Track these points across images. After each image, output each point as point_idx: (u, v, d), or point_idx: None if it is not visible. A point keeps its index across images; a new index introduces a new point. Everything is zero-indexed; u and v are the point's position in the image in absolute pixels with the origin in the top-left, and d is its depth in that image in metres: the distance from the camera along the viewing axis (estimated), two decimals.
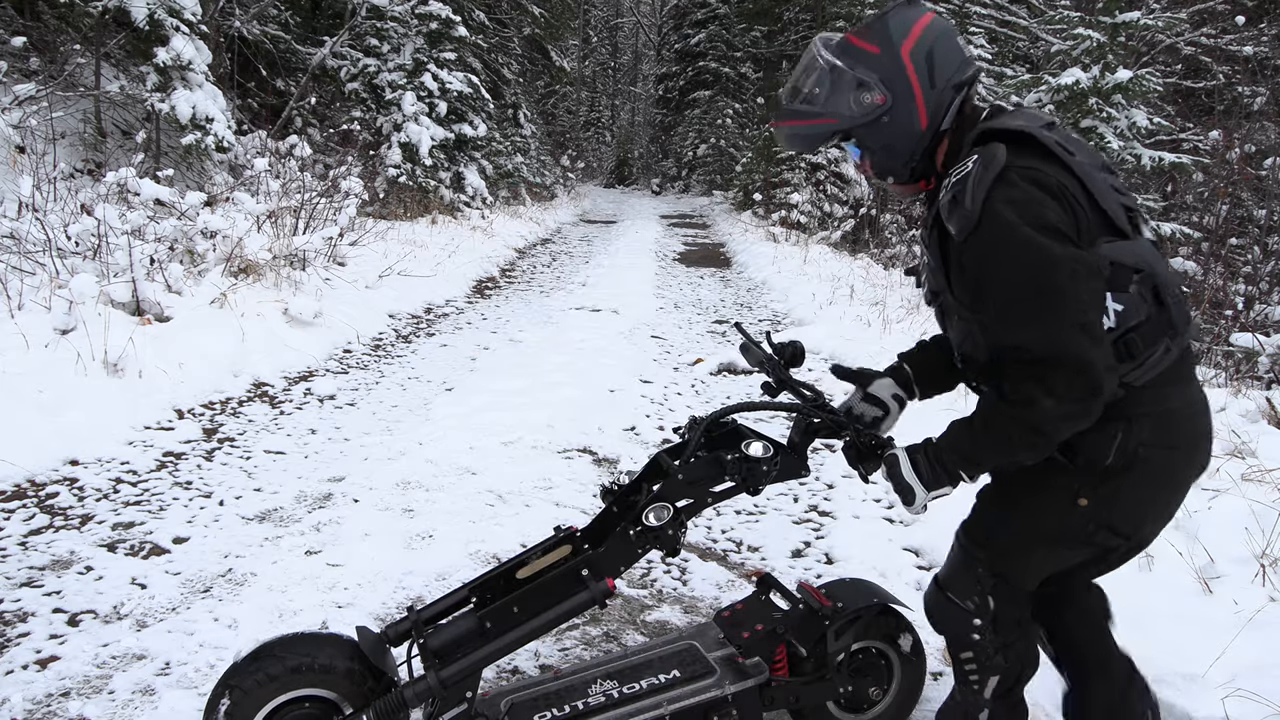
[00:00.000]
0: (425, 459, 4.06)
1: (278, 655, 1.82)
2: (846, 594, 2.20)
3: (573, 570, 1.87)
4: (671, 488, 1.87)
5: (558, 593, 1.84)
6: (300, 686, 1.83)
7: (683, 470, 1.87)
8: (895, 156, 1.76)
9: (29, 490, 3.48)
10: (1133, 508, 1.74)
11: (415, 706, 1.79)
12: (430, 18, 12.87)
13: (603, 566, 1.86)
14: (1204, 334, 6.56)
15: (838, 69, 1.72)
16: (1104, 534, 1.75)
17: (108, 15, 8.08)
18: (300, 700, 1.84)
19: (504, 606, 1.86)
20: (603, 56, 44.22)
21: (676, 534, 1.87)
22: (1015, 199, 1.56)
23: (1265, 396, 4.69)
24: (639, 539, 1.86)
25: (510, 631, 1.81)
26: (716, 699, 2.00)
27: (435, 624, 1.97)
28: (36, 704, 2.23)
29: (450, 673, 1.78)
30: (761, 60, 27.48)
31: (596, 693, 2.04)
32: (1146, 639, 2.60)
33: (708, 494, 1.90)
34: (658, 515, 1.84)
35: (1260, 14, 12.42)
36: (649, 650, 2.21)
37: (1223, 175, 9.77)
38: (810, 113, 1.76)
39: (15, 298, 4.66)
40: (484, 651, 1.80)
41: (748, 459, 1.85)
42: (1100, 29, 8.06)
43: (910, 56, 1.69)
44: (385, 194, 11.92)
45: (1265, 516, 3.03)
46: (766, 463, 1.85)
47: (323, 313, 6.20)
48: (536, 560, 1.95)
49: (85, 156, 8.21)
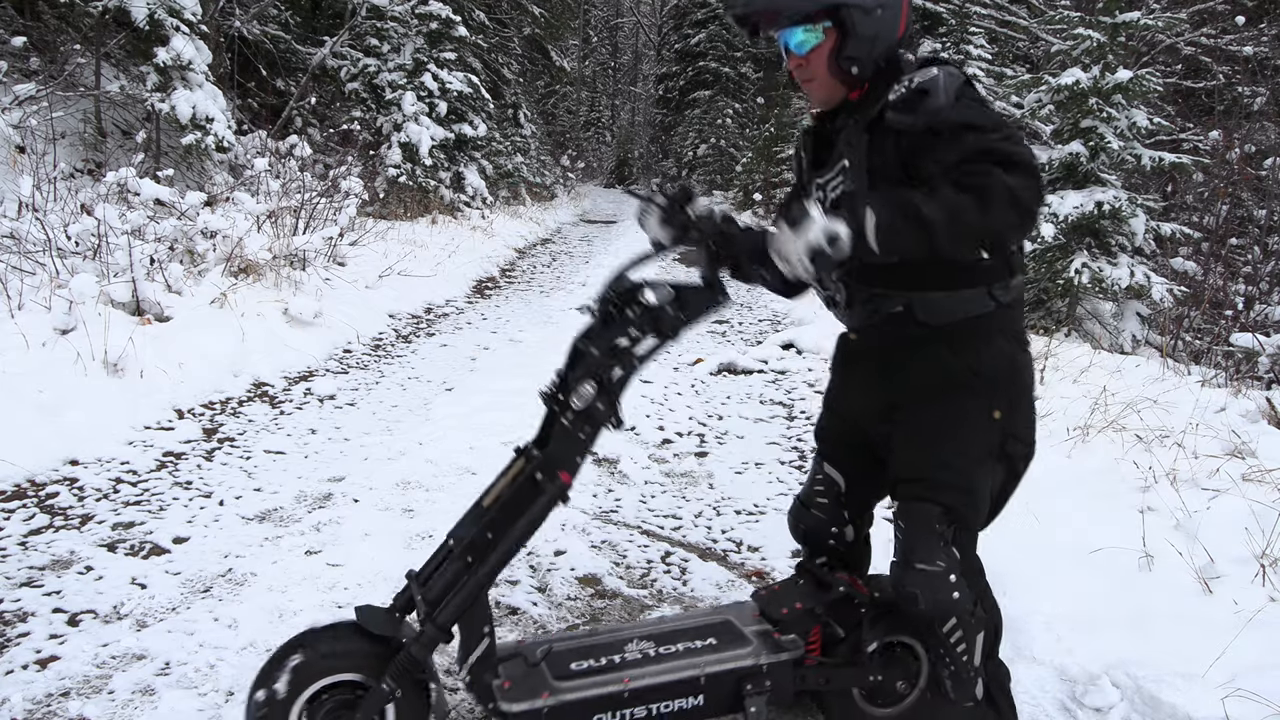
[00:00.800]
0: (425, 459, 4.06)
1: (297, 650, 1.85)
2: (884, 587, 2.22)
3: (528, 478, 1.87)
4: (590, 364, 1.85)
5: (521, 505, 1.85)
6: (323, 676, 1.86)
7: (592, 343, 1.86)
8: (873, 49, 1.78)
9: (29, 490, 3.48)
10: (1025, 412, 1.95)
11: (426, 656, 1.82)
12: (430, 18, 12.87)
13: (553, 464, 1.86)
14: (1204, 334, 6.56)
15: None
16: (1012, 443, 1.93)
17: (108, 15, 8.08)
18: (329, 689, 1.87)
19: (478, 537, 1.87)
20: (603, 56, 44.21)
21: (611, 408, 1.87)
22: (979, 99, 1.73)
23: (1265, 396, 4.69)
24: (575, 425, 1.85)
25: (490, 558, 1.83)
26: (752, 668, 2.03)
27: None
28: (36, 704, 2.23)
29: (446, 615, 1.81)
30: (761, 60, 27.46)
31: (634, 650, 2.09)
32: (1146, 639, 2.61)
33: (631, 357, 1.88)
34: (581, 396, 1.83)
35: (1260, 14, 12.42)
36: (685, 619, 2.27)
37: (1223, 175, 9.77)
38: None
39: (15, 298, 4.65)
40: (470, 584, 1.82)
41: (648, 308, 1.85)
42: (1100, 29, 8.06)
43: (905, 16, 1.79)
44: (385, 194, 11.91)
45: (1265, 516, 3.03)
46: (669, 304, 1.86)
47: (323, 313, 6.20)
48: (498, 485, 1.95)
49: (85, 156, 8.21)
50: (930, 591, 1.86)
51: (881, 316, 1.90)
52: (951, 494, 1.89)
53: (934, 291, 1.83)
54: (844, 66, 1.79)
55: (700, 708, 2.02)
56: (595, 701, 1.94)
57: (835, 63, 1.79)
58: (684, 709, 2.00)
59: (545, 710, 1.90)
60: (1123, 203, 7.70)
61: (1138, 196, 8.15)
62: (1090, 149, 7.99)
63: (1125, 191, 8.07)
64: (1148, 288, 7.59)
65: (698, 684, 2.00)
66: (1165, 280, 7.91)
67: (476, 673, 1.90)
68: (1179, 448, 3.76)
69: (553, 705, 1.91)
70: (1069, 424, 4.17)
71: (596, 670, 2.01)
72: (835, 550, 2.23)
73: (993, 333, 1.86)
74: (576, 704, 1.93)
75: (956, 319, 1.85)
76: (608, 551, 3.34)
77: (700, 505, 3.84)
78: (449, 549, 1.98)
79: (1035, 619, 2.73)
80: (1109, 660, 2.52)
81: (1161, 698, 2.31)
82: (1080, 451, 3.91)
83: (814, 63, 1.81)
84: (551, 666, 2.00)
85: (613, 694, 1.95)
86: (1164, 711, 2.29)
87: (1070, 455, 3.89)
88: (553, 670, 1.99)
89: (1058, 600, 2.83)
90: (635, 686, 1.96)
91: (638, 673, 1.99)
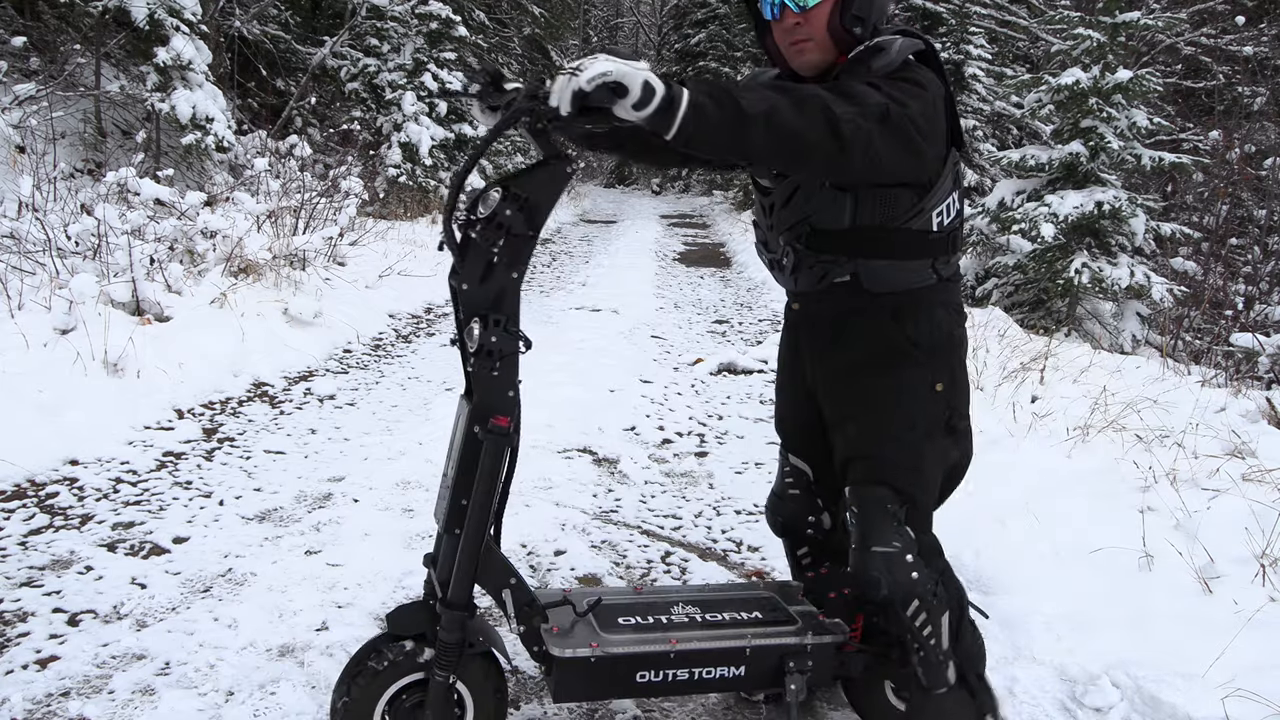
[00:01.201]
0: (425, 459, 4.06)
1: (368, 658, 1.89)
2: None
3: (469, 434, 1.84)
4: (465, 300, 1.79)
5: (473, 463, 1.83)
6: (392, 682, 1.89)
7: (461, 278, 1.77)
8: (875, 7, 1.78)
9: (29, 490, 3.48)
10: (963, 385, 1.97)
11: (454, 637, 1.83)
12: (430, 17, 12.86)
13: (482, 412, 1.82)
14: (1204, 334, 6.57)
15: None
16: (955, 417, 1.94)
17: (108, 15, 8.08)
18: (402, 691, 1.91)
19: (453, 507, 1.86)
20: None
21: (507, 335, 1.79)
22: (917, 81, 1.72)
23: (1265, 396, 4.70)
24: (480, 366, 1.80)
25: (468, 524, 1.83)
26: (796, 646, 2.04)
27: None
28: (36, 704, 2.23)
29: (455, 591, 1.83)
30: (761, 60, 27.45)
31: (679, 613, 2.11)
32: (1146, 639, 2.61)
33: (504, 272, 1.78)
34: (470, 336, 1.78)
35: (1260, 14, 12.42)
36: (730, 589, 2.29)
37: (1223, 175, 9.77)
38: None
39: (15, 298, 4.66)
40: (463, 553, 1.83)
41: (487, 220, 1.73)
42: (1100, 29, 8.06)
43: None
44: (385, 194, 11.91)
45: (1265, 516, 3.03)
46: (506, 205, 1.73)
47: (323, 313, 6.20)
48: (451, 450, 1.94)
49: (85, 156, 8.21)
50: (889, 573, 1.86)
51: (828, 284, 1.91)
52: (899, 474, 1.90)
53: (880, 260, 1.86)
54: (848, 25, 1.75)
55: (740, 678, 2.04)
56: (641, 658, 1.96)
57: (839, 21, 1.75)
58: (725, 677, 2.02)
59: (593, 659, 1.93)
60: (1123, 203, 7.71)
61: (1138, 196, 8.16)
62: (1090, 149, 7.99)
63: (1125, 191, 8.07)
64: (1148, 288, 7.60)
65: (743, 655, 2.02)
66: (1165, 280, 7.92)
67: (524, 618, 1.93)
68: (1179, 448, 3.76)
69: (600, 656, 1.93)
70: (1069, 424, 4.17)
71: (644, 628, 2.03)
72: (815, 539, 2.24)
73: (934, 305, 1.90)
74: (623, 657, 1.95)
75: (899, 289, 1.88)
76: (608, 551, 3.34)
77: (700, 505, 3.84)
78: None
79: (1035, 619, 2.73)
80: (1109, 660, 2.52)
81: (1161, 698, 2.31)
82: (1080, 451, 3.91)
83: (814, 21, 1.75)
84: (599, 619, 2.03)
85: (659, 653, 1.97)
86: (1164, 711, 2.29)
87: (1070, 455, 3.89)
88: (600, 622, 2.02)
89: (1058, 600, 2.83)
90: (682, 649, 1.98)
91: (685, 635, 2.01)
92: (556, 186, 1.82)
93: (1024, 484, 3.61)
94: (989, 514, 3.42)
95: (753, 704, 2.38)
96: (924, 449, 1.92)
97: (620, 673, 1.96)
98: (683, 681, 2.00)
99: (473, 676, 1.92)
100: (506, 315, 1.80)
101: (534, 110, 1.69)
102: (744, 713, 2.36)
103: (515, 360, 1.83)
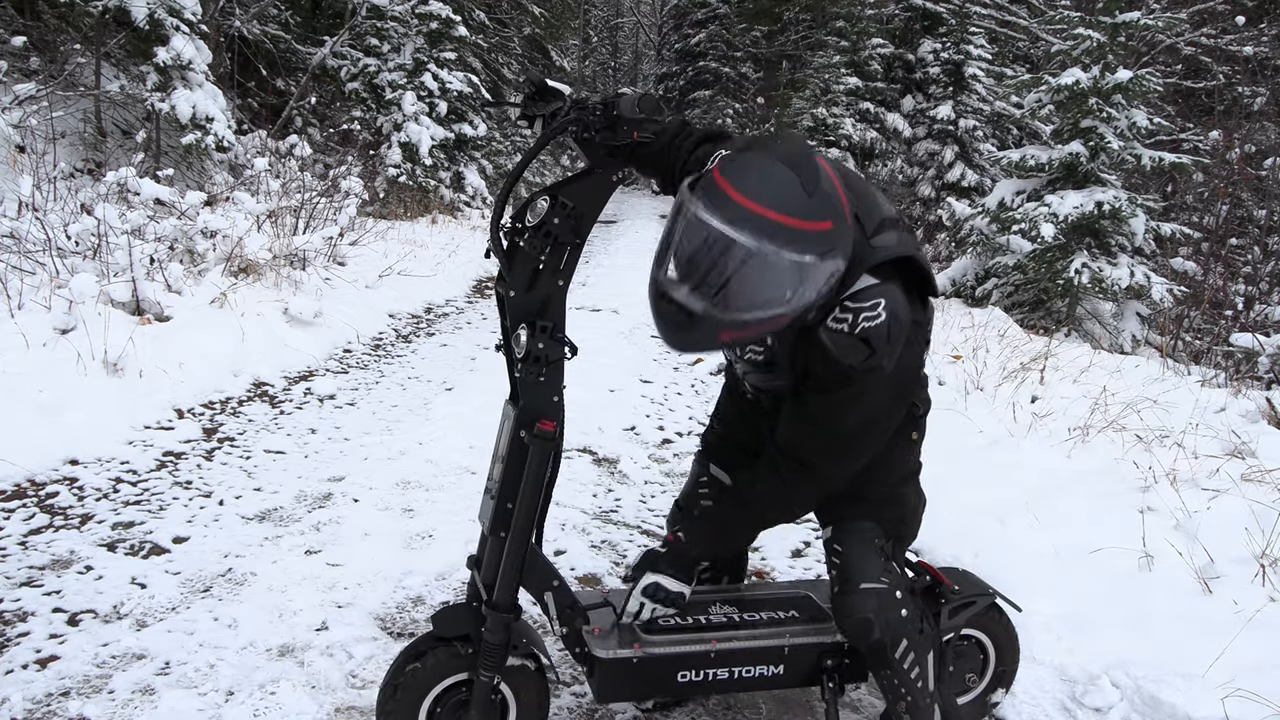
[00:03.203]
0: (425, 459, 4.06)
1: (414, 659, 1.92)
2: (961, 580, 2.26)
3: (515, 439, 1.86)
4: (511, 307, 1.81)
5: (519, 467, 1.85)
6: (436, 682, 1.92)
7: (508, 285, 1.80)
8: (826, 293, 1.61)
9: (29, 490, 3.48)
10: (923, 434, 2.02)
11: (498, 638, 1.84)
12: (430, 17, 12.86)
13: (529, 416, 1.83)
14: (1204, 334, 6.57)
15: (805, 265, 1.51)
16: (916, 462, 2.02)
17: (108, 15, 8.08)
18: (447, 690, 1.94)
19: (499, 510, 1.88)
20: (603, 56, 44.21)
21: (554, 341, 1.82)
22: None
23: (1265, 396, 4.70)
24: (527, 371, 1.81)
25: (514, 527, 1.85)
26: (834, 645, 2.06)
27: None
28: (36, 704, 2.23)
29: (500, 594, 1.85)
30: (761, 60, 27.46)
31: (718, 613, 2.14)
32: (1146, 639, 2.61)
33: (550, 279, 1.81)
34: (518, 343, 1.80)
35: (1260, 14, 12.42)
36: (765, 589, 2.32)
37: (1223, 175, 9.77)
38: (771, 316, 1.56)
39: (15, 297, 4.65)
40: (508, 557, 1.85)
41: (535, 229, 1.74)
42: (1100, 29, 8.06)
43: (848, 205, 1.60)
44: (385, 194, 11.91)
45: (1265, 516, 3.03)
46: (554, 214, 1.74)
47: (323, 312, 6.20)
48: (496, 455, 1.96)
49: (85, 156, 8.21)
50: (882, 612, 1.84)
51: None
52: (889, 508, 1.94)
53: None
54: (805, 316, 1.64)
55: (780, 677, 2.06)
56: (683, 658, 1.99)
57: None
58: (764, 676, 2.05)
59: (635, 660, 1.95)
60: (1123, 203, 7.71)
61: (1138, 196, 8.16)
62: (1090, 149, 7.99)
63: (1125, 191, 8.07)
64: (1148, 288, 7.60)
65: (781, 654, 2.04)
66: (1165, 280, 7.92)
67: (566, 620, 1.96)
68: (1179, 448, 3.76)
69: (642, 657, 1.96)
70: (1069, 424, 4.17)
71: (684, 629, 2.05)
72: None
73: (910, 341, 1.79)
74: (665, 658, 1.98)
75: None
76: (608, 551, 3.34)
77: None
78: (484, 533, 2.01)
79: (1035, 619, 2.72)
80: (1109, 660, 2.52)
81: (1161, 698, 2.31)
82: (1080, 451, 3.91)
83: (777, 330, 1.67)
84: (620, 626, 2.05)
85: (700, 653, 1.99)
86: (1164, 711, 2.29)
87: (1070, 455, 3.89)
88: (641, 624, 2.04)
89: (1058, 600, 2.83)
90: (722, 649, 2.01)
91: (724, 635, 2.04)
92: (602, 195, 1.84)
93: (1024, 484, 3.61)
94: (989, 514, 3.42)
95: (753, 703, 2.38)
96: (907, 492, 1.98)
97: (662, 673, 1.99)
98: (723, 681, 2.03)
99: (515, 677, 1.95)
100: (553, 322, 1.83)
101: (581, 120, 1.74)
102: (744, 713, 2.36)
103: (561, 366, 1.85)
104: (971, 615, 2.17)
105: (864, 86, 16.97)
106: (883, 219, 1.71)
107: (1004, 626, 2.28)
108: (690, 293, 1.54)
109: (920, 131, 16.57)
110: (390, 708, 1.90)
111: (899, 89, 17.60)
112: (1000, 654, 2.30)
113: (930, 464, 2.09)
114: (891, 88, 17.60)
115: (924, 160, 16.24)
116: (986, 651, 2.29)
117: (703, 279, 1.52)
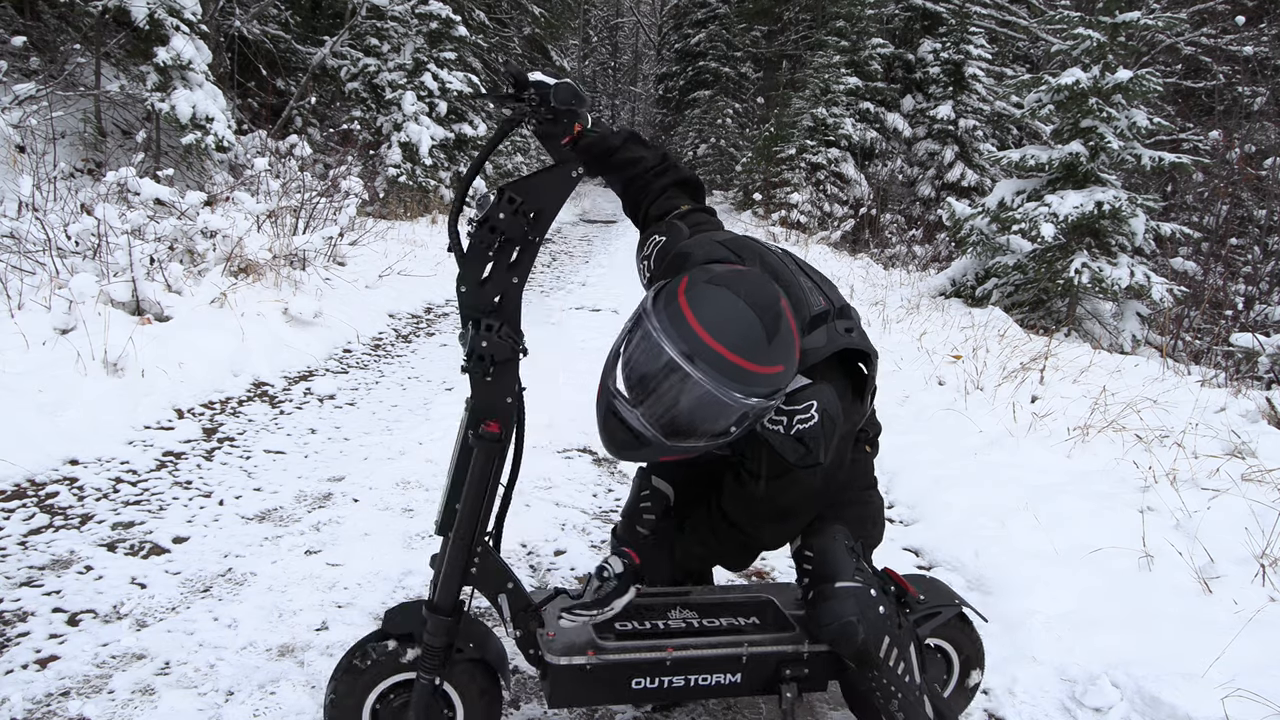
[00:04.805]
0: (425, 459, 4.05)
1: (355, 657, 1.91)
2: (926, 589, 2.23)
3: (463, 442, 1.84)
4: (462, 304, 1.79)
5: (465, 468, 1.83)
6: (379, 681, 1.91)
7: (461, 281, 1.78)
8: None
9: (29, 490, 3.48)
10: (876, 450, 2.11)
11: (439, 641, 1.83)
12: (430, 17, 12.87)
13: (476, 417, 1.81)
14: (1204, 334, 6.57)
15: (752, 405, 1.59)
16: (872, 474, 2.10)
17: (108, 15, 8.08)
18: (390, 690, 1.93)
19: (447, 511, 1.86)
20: (603, 56, 44.21)
21: (504, 339, 1.76)
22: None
23: (1265, 396, 4.70)
24: (474, 370, 1.77)
25: (457, 528, 1.83)
26: (793, 654, 2.04)
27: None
28: (36, 704, 2.23)
29: (440, 595, 1.84)
30: (761, 60, 27.47)
31: (676, 618, 2.11)
32: (1146, 639, 2.61)
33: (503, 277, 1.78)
34: (463, 340, 1.78)
35: (1260, 14, 12.42)
36: (727, 593, 2.27)
37: (1223, 175, 9.77)
38: (714, 444, 1.68)
39: (15, 297, 4.65)
40: (449, 558, 1.84)
41: (481, 223, 1.73)
42: (1100, 29, 8.06)
43: (798, 332, 1.69)
44: (385, 194, 11.92)
45: (1265, 516, 3.03)
46: (499, 208, 1.72)
47: (323, 312, 6.20)
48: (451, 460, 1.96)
49: (85, 156, 8.21)
50: (860, 609, 1.84)
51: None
52: (853, 509, 1.98)
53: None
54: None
55: (736, 685, 2.04)
56: (637, 665, 1.96)
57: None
58: (721, 684, 2.02)
59: (588, 667, 1.93)
60: (1123, 203, 7.70)
61: (1138, 196, 8.15)
62: (1090, 149, 7.99)
63: (1125, 191, 8.07)
64: (1148, 288, 7.59)
65: (739, 662, 2.02)
66: (1165, 280, 7.92)
67: (521, 622, 1.94)
68: (1179, 448, 3.76)
69: (596, 663, 1.93)
70: (1069, 424, 4.17)
71: (641, 634, 2.03)
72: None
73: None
74: (619, 665, 1.95)
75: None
76: (607, 551, 3.34)
77: None
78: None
79: (1035, 619, 2.73)
80: (1109, 660, 2.52)
81: (1161, 698, 2.31)
82: (1080, 451, 3.91)
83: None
84: (596, 624, 2.02)
85: (655, 660, 1.97)
86: (1164, 711, 2.29)
87: (1070, 455, 3.89)
88: (597, 629, 2.01)
89: (1058, 600, 2.83)
90: (678, 656, 1.98)
91: (681, 643, 2.00)
92: (561, 191, 1.81)
93: (1024, 484, 3.61)
94: (989, 514, 3.42)
95: (753, 703, 2.38)
96: (870, 497, 2.06)
97: (616, 679, 1.96)
98: (678, 688, 1.99)
99: (461, 679, 1.92)
100: (502, 320, 1.78)
101: (521, 114, 1.73)
102: (744, 713, 2.36)
103: (512, 366, 1.79)
104: (936, 625, 2.16)
105: (864, 86, 16.98)
106: (812, 316, 1.78)
107: (970, 637, 2.24)
108: (639, 417, 1.61)
109: (920, 131, 16.58)
110: (332, 706, 1.88)
111: (899, 89, 17.61)
112: (965, 666, 2.27)
113: (930, 464, 2.11)
114: (891, 88, 17.60)
115: (924, 160, 16.26)
116: (951, 659, 2.26)
117: (653, 404, 1.59)
